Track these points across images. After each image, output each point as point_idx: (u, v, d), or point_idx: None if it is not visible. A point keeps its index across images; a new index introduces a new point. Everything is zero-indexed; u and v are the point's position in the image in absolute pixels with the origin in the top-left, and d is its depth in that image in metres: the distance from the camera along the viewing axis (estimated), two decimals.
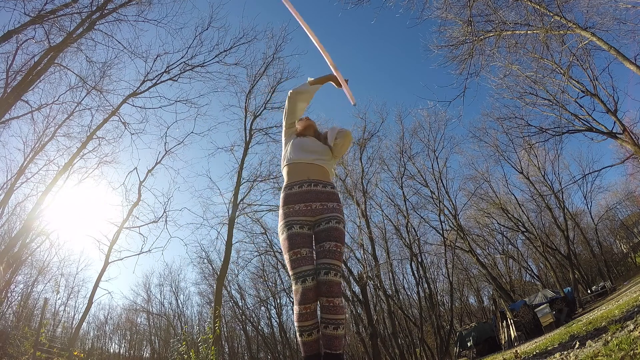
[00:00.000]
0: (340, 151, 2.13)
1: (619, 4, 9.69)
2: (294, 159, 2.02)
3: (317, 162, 2.02)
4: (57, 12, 9.07)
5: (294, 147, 2.08)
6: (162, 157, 14.81)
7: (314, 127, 2.33)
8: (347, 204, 20.26)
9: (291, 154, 2.05)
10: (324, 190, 1.95)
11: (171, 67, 12.91)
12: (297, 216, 1.88)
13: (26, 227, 12.47)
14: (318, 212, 1.89)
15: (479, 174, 23.76)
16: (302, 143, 2.11)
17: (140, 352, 36.29)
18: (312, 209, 1.89)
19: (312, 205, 1.90)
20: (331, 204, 1.92)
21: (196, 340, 11.86)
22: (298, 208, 1.89)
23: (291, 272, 1.78)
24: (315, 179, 1.96)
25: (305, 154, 2.03)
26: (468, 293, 32.24)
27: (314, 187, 1.94)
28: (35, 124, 13.27)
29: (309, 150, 2.06)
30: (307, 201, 1.90)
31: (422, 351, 21.95)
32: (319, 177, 1.99)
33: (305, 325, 1.73)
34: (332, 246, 1.79)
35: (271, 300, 27.65)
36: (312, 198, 1.91)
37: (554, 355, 2.25)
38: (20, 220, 15.82)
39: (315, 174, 1.98)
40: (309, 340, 1.73)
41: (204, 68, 13.17)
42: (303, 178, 1.96)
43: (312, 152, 2.05)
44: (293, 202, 1.91)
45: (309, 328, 1.73)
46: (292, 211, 1.89)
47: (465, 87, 10.48)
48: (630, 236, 31.09)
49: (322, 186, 1.96)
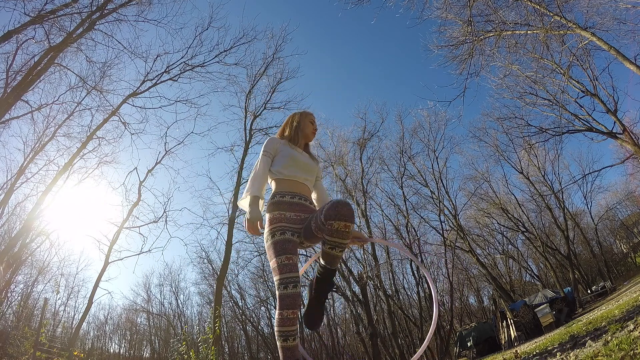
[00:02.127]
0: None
1: (619, 4, 9.70)
2: (288, 175, 2.05)
3: (307, 183, 2.12)
4: (57, 12, 9.07)
5: (289, 161, 2.08)
6: (162, 157, 14.85)
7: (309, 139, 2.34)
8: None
9: (285, 169, 2.06)
10: (311, 206, 2.07)
11: (171, 67, 12.93)
12: (289, 223, 1.92)
13: (26, 227, 12.47)
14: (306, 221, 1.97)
15: (479, 174, 23.79)
16: (296, 157, 2.10)
17: (140, 352, 36.28)
18: (302, 218, 1.97)
19: (301, 215, 1.98)
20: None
21: (196, 340, 11.85)
22: (289, 215, 1.95)
23: (282, 276, 1.77)
24: (304, 195, 2.07)
25: (298, 172, 2.08)
26: (468, 293, 32.23)
27: (303, 201, 2.04)
28: (35, 124, 13.30)
29: (303, 169, 2.10)
30: (297, 211, 1.98)
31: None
32: (307, 194, 2.11)
33: (292, 329, 1.74)
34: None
35: (271, 300, 27.65)
36: (302, 209, 2.00)
37: (554, 355, 2.25)
38: (20, 220, 15.85)
39: (305, 191, 2.09)
40: (294, 345, 1.74)
41: (204, 68, 13.20)
42: (295, 191, 2.04)
43: (304, 170, 2.11)
44: (284, 210, 1.96)
45: (295, 333, 1.75)
46: (284, 217, 1.93)
47: (465, 87, 10.50)
48: (630, 236, 31.09)
49: (309, 203, 2.08)
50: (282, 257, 1.80)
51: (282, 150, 2.13)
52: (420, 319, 20.51)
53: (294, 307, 1.73)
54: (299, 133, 2.24)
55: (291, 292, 1.74)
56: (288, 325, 1.73)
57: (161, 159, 14.85)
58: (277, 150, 2.13)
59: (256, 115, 14.84)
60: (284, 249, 1.82)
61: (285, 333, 1.73)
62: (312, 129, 2.29)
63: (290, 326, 1.73)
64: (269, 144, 2.13)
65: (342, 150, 20.06)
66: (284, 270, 1.77)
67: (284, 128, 2.32)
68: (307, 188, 2.12)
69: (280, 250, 1.81)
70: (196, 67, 13.10)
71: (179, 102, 13.60)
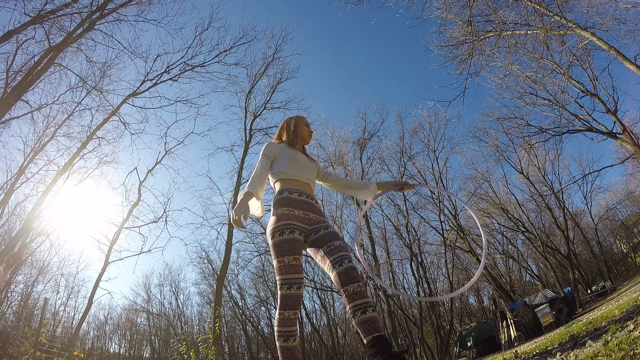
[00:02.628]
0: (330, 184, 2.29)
1: (619, 4, 9.70)
2: (292, 174, 2.05)
3: (310, 183, 2.12)
4: (57, 12, 9.07)
5: (290, 162, 2.09)
6: (162, 157, 14.86)
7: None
8: (347, 204, 20.28)
9: (288, 169, 2.05)
10: (317, 205, 2.06)
11: (171, 67, 12.93)
12: (297, 221, 1.89)
13: (26, 227, 12.47)
14: (314, 222, 1.95)
15: (479, 174, 23.80)
16: (297, 158, 2.12)
17: (140, 352, 36.30)
18: (310, 218, 1.95)
19: (309, 214, 1.96)
20: (323, 217, 2.03)
21: (196, 340, 11.85)
22: (298, 214, 1.92)
23: (288, 276, 1.76)
24: (310, 194, 2.07)
25: (301, 172, 2.08)
26: (468, 293, 32.21)
27: (310, 199, 2.03)
28: (35, 124, 13.30)
29: (305, 169, 2.11)
30: (305, 210, 1.96)
31: (422, 351, 21.95)
32: (312, 193, 2.10)
33: (293, 330, 1.75)
34: (341, 243, 1.86)
35: (271, 300, 27.65)
36: (309, 209, 1.98)
37: (554, 355, 2.25)
38: (20, 220, 15.85)
39: (309, 190, 2.09)
40: (294, 345, 1.74)
41: (204, 68, 13.20)
42: (301, 189, 2.03)
43: (306, 170, 2.12)
44: (293, 207, 1.92)
45: (295, 333, 1.76)
46: (293, 215, 1.89)
47: (465, 87, 10.50)
48: (630, 236, 31.09)
49: (315, 202, 2.06)
50: (289, 257, 1.77)
51: (281, 152, 2.13)
52: (420, 319, 20.51)
53: (295, 308, 1.74)
54: (297, 136, 2.26)
55: (295, 292, 1.74)
56: (289, 326, 1.73)
57: (161, 159, 14.88)
58: (277, 154, 2.13)
59: (256, 115, 14.85)
60: (292, 249, 1.79)
61: (286, 333, 1.73)
62: (309, 132, 2.31)
63: (291, 326, 1.74)
64: (268, 148, 2.13)
65: (342, 150, 20.09)
66: (291, 271, 1.76)
67: (280, 132, 2.33)
68: (310, 187, 2.11)
69: (289, 250, 1.78)
70: (196, 67, 13.12)
71: (179, 102, 13.62)
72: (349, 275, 1.70)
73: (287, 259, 1.77)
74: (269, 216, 1.98)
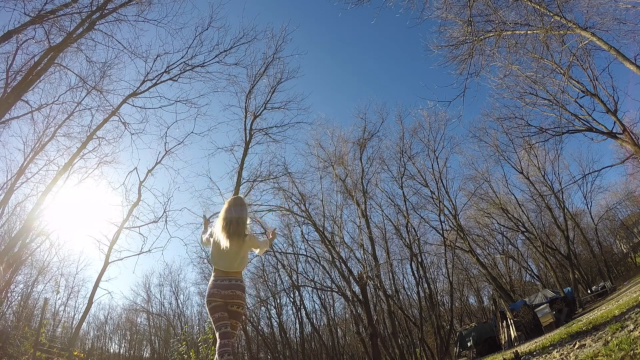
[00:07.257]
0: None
1: (619, 4, 9.69)
2: (221, 267, 2.97)
3: (234, 269, 2.99)
4: (57, 12, 9.05)
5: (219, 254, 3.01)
6: (162, 157, 14.82)
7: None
8: (347, 204, 20.30)
9: (217, 260, 3.00)
10: (236, 284, 2.96)
11: (171, 67, 12.89)
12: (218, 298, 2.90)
13: (26, 227, 12.46)
14: (229, 297, 2.92)
15: (479, 174, 23.80)
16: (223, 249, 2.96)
17: (140, 352, 36.33)
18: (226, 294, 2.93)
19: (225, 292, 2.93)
20: (238, 292, 2.96)
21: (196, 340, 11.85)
22: (217, 291, 2.91)
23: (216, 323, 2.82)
24: (233, 277, 2.97)
25: (227, 262, 2.97)
26: (468, 293, 32.27)
27: (233, 282, 2.95)
28: (35, 124, 13.30)
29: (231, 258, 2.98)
30: (225, 289, 2.91)
31: (422, 351, 21.95)
32: (236, 275, 3.01)
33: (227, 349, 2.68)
34: (234, 321, 2.94)
35: (271, 300, 27.68)
36: (229, 287, 2.92)
37: (553, 354, 2.25)
38: (20, 220, 15.85)
39: (233, 275, 2.98)
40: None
41: (204, 68, 13.15)
42: (224, 276, 2.96)
43: (233, 259, 2.98)
44: (218, 288, 2.90)
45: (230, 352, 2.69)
46: (217, 293, 2.89)
47: (465, 87, 10.46)
48: (630, 236, 31.11)
49: (235, 281, 2.97)
50: (217, 315, 2.84)
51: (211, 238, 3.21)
52: (420, 319, 20.50)
53: (227, 338, 2.74)
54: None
55: (224, 330, 2.78)
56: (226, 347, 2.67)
57: (161, 159, 14.84)
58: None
59: (256, 115, 14.82)
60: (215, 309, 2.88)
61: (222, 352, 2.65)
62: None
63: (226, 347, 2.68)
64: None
65: (342, 150, 20.11)
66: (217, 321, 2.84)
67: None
68: (236, 272, 3.02)
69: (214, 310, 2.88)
70: (196, 67, 13.06)
71: (179, 102, 13.56)
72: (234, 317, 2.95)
73: (216, 315, 2.85)
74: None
